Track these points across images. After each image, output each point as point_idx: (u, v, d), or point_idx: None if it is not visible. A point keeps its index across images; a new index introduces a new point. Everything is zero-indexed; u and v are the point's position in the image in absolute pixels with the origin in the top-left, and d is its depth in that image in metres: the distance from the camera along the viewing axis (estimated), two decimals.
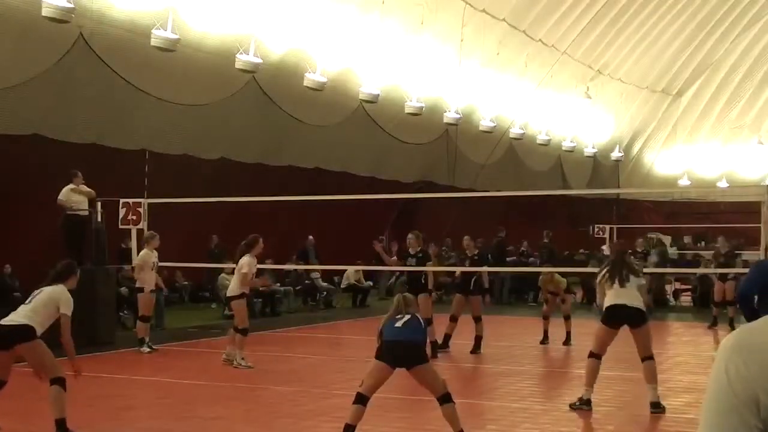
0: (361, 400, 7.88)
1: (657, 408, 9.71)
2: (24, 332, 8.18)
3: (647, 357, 9.86)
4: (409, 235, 14.75)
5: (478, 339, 14.81)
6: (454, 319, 14.94)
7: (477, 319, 14.85)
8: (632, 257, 13.69)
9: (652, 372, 9.81)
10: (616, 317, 9.86)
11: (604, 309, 10.01)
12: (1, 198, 18.48)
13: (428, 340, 8.93)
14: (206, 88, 21.09)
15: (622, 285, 9.87)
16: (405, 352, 7.90)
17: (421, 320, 8.30)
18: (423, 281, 14.26)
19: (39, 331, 8.27)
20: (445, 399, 7.94)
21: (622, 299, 9.82)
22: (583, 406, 9.81)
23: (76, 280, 8.66)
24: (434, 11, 24.62)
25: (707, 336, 18.04)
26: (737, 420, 1.57)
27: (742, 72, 39.95)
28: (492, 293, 21.49)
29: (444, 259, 24.29)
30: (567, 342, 15.78)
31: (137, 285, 15.08)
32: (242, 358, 12.96)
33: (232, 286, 13.40)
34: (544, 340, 16.03)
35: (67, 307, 8.33)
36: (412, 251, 14.45)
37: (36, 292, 8.49)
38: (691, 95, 40.70)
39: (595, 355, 9.97)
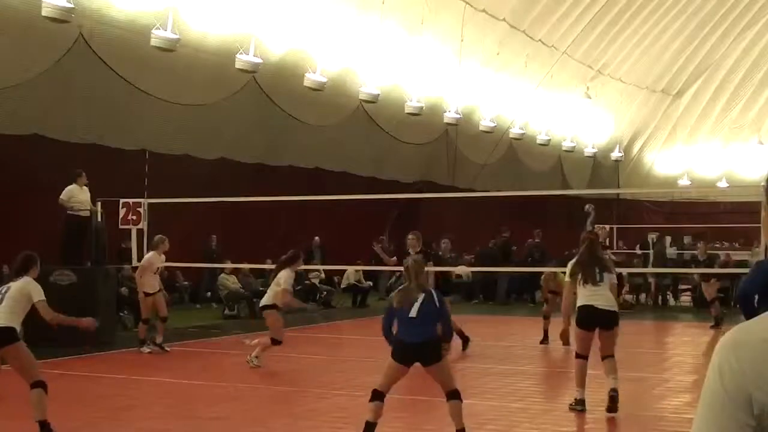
0: (379, 396, 7.82)
1: (615, 396, 9.42)
2: (6, 335, 8.10)
3: (609, 356, 9.63)
4: (410, 236, 14.71)
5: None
6: None
7: None
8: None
9: (614, 367, 9.56)
10: (589, 319, 9.53)
11: (576, 308, 9.69)
12: (1, 198, 18.47)
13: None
14: (206, 88, 21.09)
15: (595, 284, 9.50)
16: (422, 353, 7.76)
17: (435, 296, 7.91)
18: None
19: (18, 329, 8.23)
20: (453, 395, 7.89)
21: (595, 300, 9.48)
22: (577, 407, 9.64)
23: (37, 269, 8.64)
24: (434, 11, 24.63)
25: (707, 336, 18.03)
26: (728, 418, 1.56)
27: (742, 72, 39.94)
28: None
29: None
30: (566, 342, 15.74)
31: (137, 288, 14.84)
32: (256, 357, 12.78)
33: (267, 296, 13.08)
34: (544, 340, 16.00)
35: (40, 294, 8.30)
36: (412, 251, 14.42)
37: (3, 289, 8.39)
38: (691, 95, 40.69)
39: (581, 356, 9.73)
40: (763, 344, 1.58)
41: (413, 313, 7.70)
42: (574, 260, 9.90)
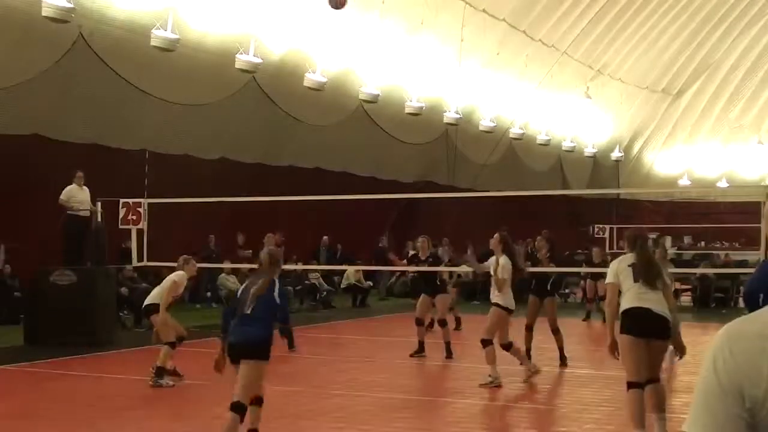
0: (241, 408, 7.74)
1: None
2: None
3: (655, 380, 7.89)
4: (420, 238, 14.55)
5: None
6: (420, 323, 14.00)
7: (442, 323, 13.97)
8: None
9: (663, 397, 8.05)
10: (642, 325, 7.62)
11: (620, 313, 7.74)
12: (1, 198, 18.48)
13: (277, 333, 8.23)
14: (206, 88, 21.09)
15: (651, 286, 7.67)
16: (246, 348, 7.63)
17: (276, 287, 7.58)
18: (438, 283, 14.21)
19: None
20: (258, 401, 7.94)
21: (646, 302, 7.64)
22: None
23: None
24: (434, 11, 24.62)
25: (707, 336, 18.04)
26: (722, 409, 1.59)
27: (742, 72, 39.96)
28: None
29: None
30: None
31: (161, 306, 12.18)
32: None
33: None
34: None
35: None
36: (422, 256, 14.32)
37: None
38: (691, 95, 40.71)
39: (637, 384, 7.58)
40: (758, 339, 1.60)
41: (248, 310, 7.62)
42: (624, 258, 7.88)
